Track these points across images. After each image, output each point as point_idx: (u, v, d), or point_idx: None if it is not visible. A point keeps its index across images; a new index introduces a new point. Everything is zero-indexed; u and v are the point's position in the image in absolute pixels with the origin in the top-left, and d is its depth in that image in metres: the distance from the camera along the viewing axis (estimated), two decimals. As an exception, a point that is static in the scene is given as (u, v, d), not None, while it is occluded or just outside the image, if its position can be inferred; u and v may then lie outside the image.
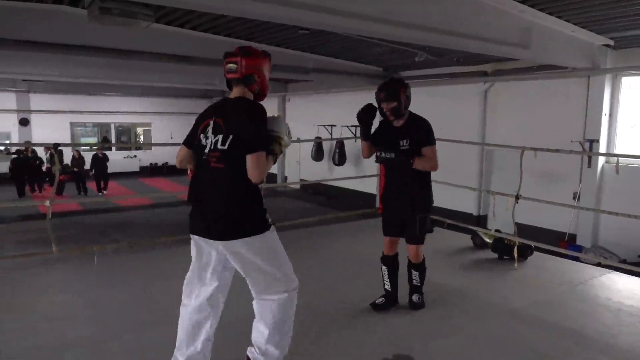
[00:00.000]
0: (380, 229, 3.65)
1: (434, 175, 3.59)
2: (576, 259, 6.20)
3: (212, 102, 21.51)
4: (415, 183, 3.46)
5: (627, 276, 4.55)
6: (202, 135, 2.38)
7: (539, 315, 3.62)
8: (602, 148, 8.30)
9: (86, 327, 3.35)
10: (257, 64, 2.42)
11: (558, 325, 3.46)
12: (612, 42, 7.79)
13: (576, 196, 8.66)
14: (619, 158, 5.52)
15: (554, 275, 4.59)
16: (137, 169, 19.59)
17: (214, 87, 15.36)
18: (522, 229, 5.24)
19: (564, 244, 8.49)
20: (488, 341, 3.22)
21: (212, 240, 2.34)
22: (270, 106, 17.28)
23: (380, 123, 3.60)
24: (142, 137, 20.96)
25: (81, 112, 17.97)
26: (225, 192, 2.30)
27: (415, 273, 3.62)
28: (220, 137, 2.28)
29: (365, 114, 3.42)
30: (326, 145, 14.69)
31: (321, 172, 14.69)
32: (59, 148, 4.87)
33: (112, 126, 19.87)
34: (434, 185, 3.59)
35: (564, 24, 6.81)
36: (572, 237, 8.78)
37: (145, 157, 19.85)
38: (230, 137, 2.26)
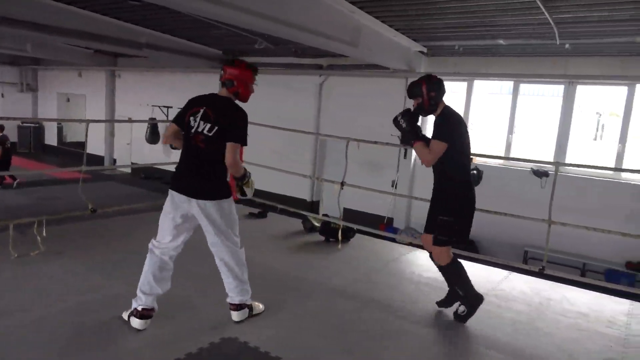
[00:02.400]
0: None
1: (267, 161, 3.64)
2: (393, 240, 7.00)
3: (22, 69, 18.46)
4: (442, 182, 3.40)
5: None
6: (191, 118, 2.97)
7: (357, 291, 4.01)
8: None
9: None
10: (236, 73, 3.03)
11: (371, 298, 3.89)
12: (425, 50, 8.91)
13: (394, 184, 9.76)
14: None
15: (371, 254, 5.12)
16: None
17: (25, 54, 13.22)
18: (349, 214, 5.69)
19: (383, 226, 9.52)
20: (313, 316, 3.46)
21: (189, 198, 2.95)
22: (98, 81, 15.69)
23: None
24: None
25: None
26: (202, 167, 2.96)
27: (444, 276, 3.54)
28: (208, 125, 2.91)
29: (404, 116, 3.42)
30: (162, 128, 13.90)
31: (156, 155, 13.84)
32: None
33: None
34: (267, 172, 3.62)
35: (387, 29, 7.55)
36: (390, 220, 9.88)
37: None
38: (216, 128, 2.90)
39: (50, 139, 18.36)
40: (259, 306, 3.40)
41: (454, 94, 9.92)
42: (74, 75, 16.57)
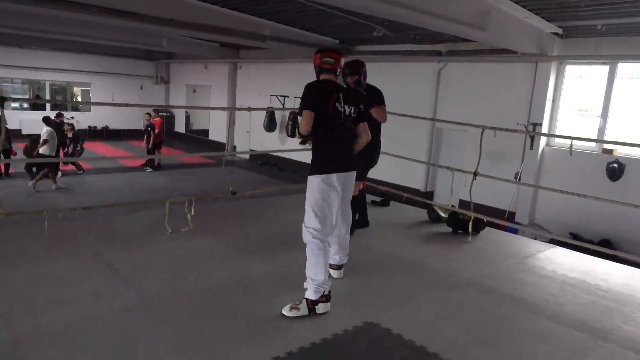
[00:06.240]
0: None
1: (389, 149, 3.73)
2: (515, 232, 6.59)
3: (157, 64, 20.10)
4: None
5: (568, 250, 4.90)
6: (337, 105, 3.22)
7: (492, 285, 3.83)
8: (544, 131, 8.77)
9: (39, 296, 3.15)
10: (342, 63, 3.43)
11: (509, 294, 3.68)
12: (560, 31, 8.15)
13: (517, 176, 9.14)
14: (564, 140, 5.84)
15: (503, 248, 4.85)
16: (74, 132, 18.41)
17: (160, 49, 14.58)
18: (467, 206, 5.32)
19: (504, 220, 8.98)
20: (451, 307, 3.38)
21: (347, 173, 3.32)
22: (221, 73, 16.78)
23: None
24: (79, 98, 19.67)
25: (9, 67, 16.56)
26: (352, 144, 3.39)
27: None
28: (352, 108, 3.30)
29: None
30: (278, 116, 14.54)
31: (272, 143, 14.53)
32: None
33: (46, 84, 18.48)
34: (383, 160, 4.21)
35: (519, 9, 7.02)
36: (511, 214, 9.30)
37: (84, 120, 18.69)
38: (357, 110, 3.33)
39: (179, 126, 20.13)
40: None
41: (586, 80, 8.96)
42: (200, 67, 17.93)
